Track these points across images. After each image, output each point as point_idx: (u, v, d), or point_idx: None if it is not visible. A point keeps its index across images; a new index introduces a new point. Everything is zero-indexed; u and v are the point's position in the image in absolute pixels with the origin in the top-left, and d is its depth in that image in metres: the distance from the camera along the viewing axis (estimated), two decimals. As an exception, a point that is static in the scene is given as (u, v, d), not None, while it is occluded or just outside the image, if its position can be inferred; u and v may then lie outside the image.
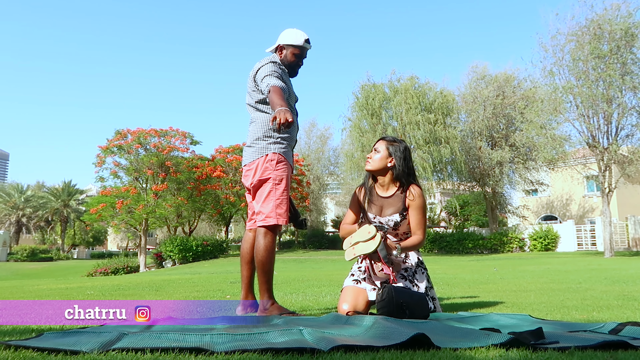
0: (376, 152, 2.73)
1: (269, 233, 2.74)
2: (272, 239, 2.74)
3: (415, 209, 2.65)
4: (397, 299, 2.30)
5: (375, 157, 2.71)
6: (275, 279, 6.78)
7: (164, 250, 22.05)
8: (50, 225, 52.76)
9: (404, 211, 2.66)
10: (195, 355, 1.43)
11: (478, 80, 23.46)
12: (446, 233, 24.95)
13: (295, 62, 2.87)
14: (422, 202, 2.67)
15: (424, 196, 2.71)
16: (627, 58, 15.41)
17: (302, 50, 2.87)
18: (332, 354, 1.44)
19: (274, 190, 2.74)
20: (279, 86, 2.61)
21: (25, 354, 1.46)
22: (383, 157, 2.70)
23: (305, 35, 2.86)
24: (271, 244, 2.74)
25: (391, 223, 2.66)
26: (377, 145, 2.75)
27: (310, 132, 33.00)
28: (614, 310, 2.75)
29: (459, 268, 9.76)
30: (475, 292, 4.19)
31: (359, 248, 2.54)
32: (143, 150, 21.63)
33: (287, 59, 2.85)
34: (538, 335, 1.57)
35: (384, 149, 2.71)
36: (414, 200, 2.65)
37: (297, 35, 2.85)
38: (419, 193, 2.67)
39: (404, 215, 2.66)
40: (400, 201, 2.68)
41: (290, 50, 2.85)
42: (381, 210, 2.70)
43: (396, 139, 2.78)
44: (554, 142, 17.43)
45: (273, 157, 2.75)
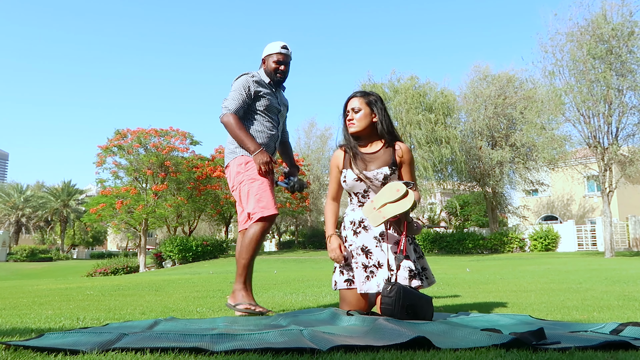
0: (355, 111, 2.57)
1: (259, 223, 2.89)
2: (261, 229, 2.88)
3: (408, 164, 2.55)
4: (404, 300, 2.20)
5: (358, 117, 2.56)
6: (275, 278, 6.80)
7: (163, 251, 22.04)
8: (50, 226, 52.77)
9: (394, 165, 2.51)
10: (195, 355, 1.43)
11: (480, 80, 23.46)
12: (446, 233, 24.93)
13: (277, 68, 3.05)
14: (412, 157, 2.58)
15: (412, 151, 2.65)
16: (626, 58, 15.41)
17: (280, 57, 3.05)
18: (332, 354, 1.44)
19: (251, 188, 2.92)
20: (230, 117, 2.93)
21: (25, 354, 1.46)
22: (366, 114, 2.56)
23: (281, 43, 3.08)
24: (258, 233, 2.88)
25: (380, 176, 2.47)
26: (354, 104, 2.58)
27: (310, 132, 33.04)
28: (614, 310, 2.75)
29: (459, 268, 9.76)
30: (475, 292, 4.19)
31: (388, 210, 2.31)
32: (143, 150, 21.63)
33: (269, 68, 3.06)
34: (540, 335, 1.56)
35: (364, 105, 2.56)
36: (404, 155, 2.54)
37: (273, 45, 3.08)
38: (407, 148, 2.57)
39: (394, 170, 2.50)
40: (389, 155, 2.53)
41: (270, 60, 3.06)
42: (366, 165, 2.52)
43: (368, 91, 2.65)
44: (554, 142, 17.43)
45: (241, 160, 2.97)
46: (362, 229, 2.50)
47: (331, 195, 2.70)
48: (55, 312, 2.98)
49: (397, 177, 2.53)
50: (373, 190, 2.51)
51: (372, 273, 2.42)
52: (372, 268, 2.42)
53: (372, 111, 2.58)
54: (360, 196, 2.54)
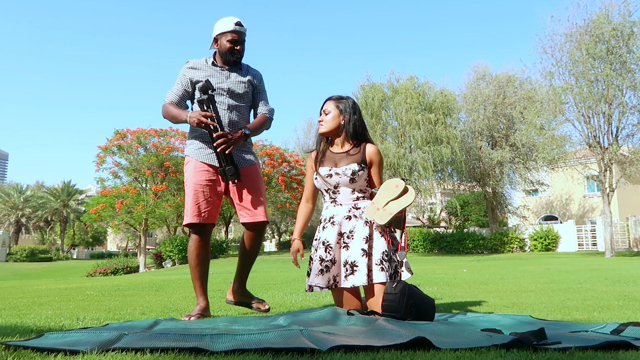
0: (326, 113, 2.68)
1: (190, 234, 2.86)
2: (192, 239, 2.83)
3: (377, 165, 2.63)
4: (408, 298, 2.23)
5: (327, 118, 2.67)
6: (275, 279, 6.79)
7: (163, 251, 22.05)
8: (50, 226, 52.77)
9: (363, 163, 2.59)
10: (194, 355, 1.43)
11: (479, 80, 23.49)
12: (446, 233, 24.94)
13: (232, 47, 2.82)
14: (382, 159, 2.66)
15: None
16: (626, 57, 15.42)
17: (235, 35, 2.81)
18: (332, 354, 1.44)
19: (185, 192, 2.86)
20: (163, 108, 2.85)
21: (25, 354, 1.45)
22: (335, 116, 2.66)
23: (234, 19, 2.83)
24: (191, 243, 2.83)
25: (348, 172, 2.56)
26: (326, 106, 2.70)
27: (308, 132, 33.05)
28: (614, 310, 2.75)
29: (459, 268, 9.76)
30: (475, 292, 4.19)
31: (393, 207, 2.40)
32: (143, 150, 21.63)
33: (223, 48, 2.83)
34: (540, 335, 1.56)
35: (334, 107, 2.68)
36: (373, 156, 2.62)
37: (226, 22, 2.84)
38: (376, 150, 2.65)
39: (362, 167, 2.58)
40: (358, 154, 2.62)
41: (224, 39, 2.83)
42: (336, 163, 2.63)
43: (343, 96, 2.75)
44: (554, 142, 17.44)
45: (185, 160, 2.92)
46: (330, 224, 2.58)
47: (305, 196, 2.80)
48: (55, 312, 2.98)
49: (367, 175, 2.61)
50: (343, 186, 2.59)
51: (326, 268, 2.50)
52: (328, 263, 2.50)
53: (340, 113, 2.67)
54: (332, 192, 2.63)
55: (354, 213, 2.55)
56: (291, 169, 24.12)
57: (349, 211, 2.56)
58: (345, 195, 2.59)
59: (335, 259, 2.50)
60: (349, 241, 2.51)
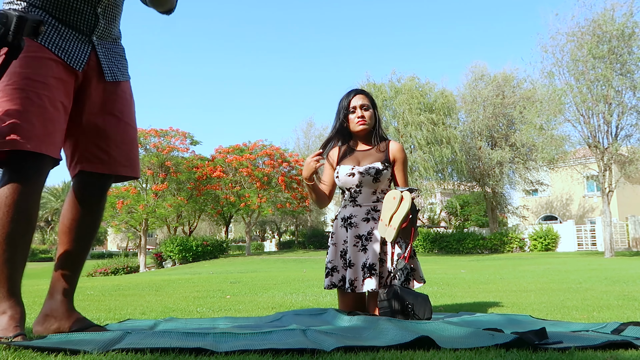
0: (365, 109, 2.55)
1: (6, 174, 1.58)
2: (9, 187, 1.56)
3: (401, 162, 2.56)
4: (401, 299, 2.22)
5: (368, 114, 2.55)
6: (275, 279, 6.79)
7: (164, 251, 22.06)
8: (50, 226, 52.76)
9: (386, 162, 2.51)
10: (195, 355, 1.43)
11: (477, 80, 23.50)
12: (446, 233, 24.94)
13: None
14: (406, 155, 2.60)
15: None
16: (626, 58, 15.43)
17: None
18: (332, 354, 1.44)
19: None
20: None
21: (25, 354, 1.45)
22: (373, 112, 2.57)
23: None
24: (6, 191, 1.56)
25: (372, 171, 2.47)
26: (361, 100, 2.56)
27: (308, 132, 33.07)
28: (614, 310, 2.75)
29: (459, 268, 9.76)
30: (475, 292, 4.19)
31: (395, 220, 2.31)
32: (143, 150, 21.63)
33: None
34: (542, 335, 1.56)
35: (369, 102, 2.57)
36: (397, 153, 2.55)
37: None
38: (400, 147, 2.57)
39: (386, 166, 2.50)
40: (382, 152, 2.53)
41: None
42: (359, 162, 2.54)
43: (365, 90, 2.68)
44: (554, 142, 17.45)
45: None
46: (348, 225, 2.52)
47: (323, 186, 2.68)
48: (55, 312, 2.97)
49: (390, 174, 2.54)
50: (365, 186, 2.51)
51: (334, 269, 2.49)
52: (343, 263, 2.49)
53: (374, 109, 2.60)
54: (353, 191, 2.55)
55: (372, 215, 2.49)
56: (291, 169, 24.13)
57: (367, 213, 2.50)
58: (366, 196, 2.51)
59: (352, 261, 2.44)
60: (367, 243, 2.45)
